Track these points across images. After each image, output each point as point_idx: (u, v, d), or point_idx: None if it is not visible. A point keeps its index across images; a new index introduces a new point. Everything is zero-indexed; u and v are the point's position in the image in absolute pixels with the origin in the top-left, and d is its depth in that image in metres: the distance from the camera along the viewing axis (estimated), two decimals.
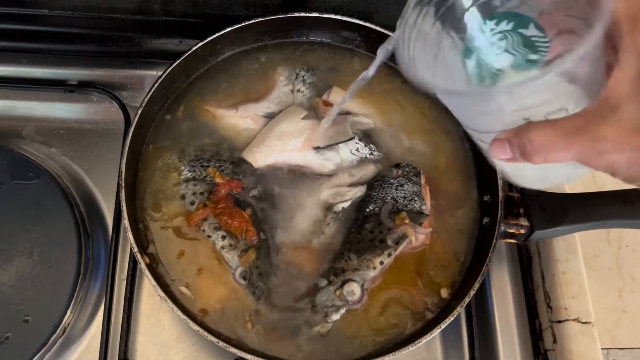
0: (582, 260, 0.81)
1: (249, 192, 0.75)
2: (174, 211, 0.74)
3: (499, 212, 0.71)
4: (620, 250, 0.87)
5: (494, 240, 0.70)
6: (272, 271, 0.72)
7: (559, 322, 0.78)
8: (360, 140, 0.79)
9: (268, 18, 0.79)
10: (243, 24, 0.79)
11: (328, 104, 0.82)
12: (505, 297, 0.84)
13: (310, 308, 0.70)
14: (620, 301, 0.84)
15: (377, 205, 0.74)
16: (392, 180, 0.75)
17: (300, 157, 0.78)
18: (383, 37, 0.81)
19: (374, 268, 0.69)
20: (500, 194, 0.72)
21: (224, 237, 0.71)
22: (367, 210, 0.74)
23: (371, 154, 0.80)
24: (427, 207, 0.74)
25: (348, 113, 0.82)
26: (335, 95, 0.83)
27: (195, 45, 0.77)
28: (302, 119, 0.79)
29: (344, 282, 0.69)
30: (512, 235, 0.73)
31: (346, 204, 0.76)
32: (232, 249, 0.71)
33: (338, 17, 0.80)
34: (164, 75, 0.75)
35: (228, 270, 0.71)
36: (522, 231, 0.72)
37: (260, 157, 0.77)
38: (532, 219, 0.72)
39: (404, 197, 0.74)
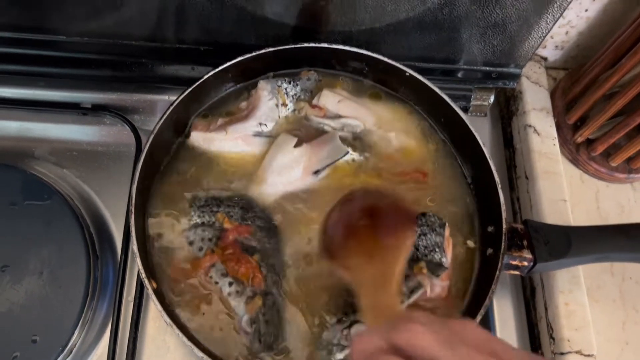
0: (586, 292, 0.81)
1: (257, 237, 0.74)
2: (181, 256, 0.73)
3: (502, 244, 0.71)
4: (624, 282, 0.87)
5: (497, 272, 0.70)
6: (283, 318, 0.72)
7: (562, 354, 0.78)
8: (354, 150, 0.81)
9: (278, 48, 0.81)
10: (254, 54, 0.80)
11: (316, 107, 0.83)
12: (508, 327, 0.84)
13: (316, 343, 0.70)
14: (624, 333, 0.84)
15: None
16: (415, 228, 0.73)
17: (302, 184, 0.80)
18: (390, 68, 0.83)
19: None
20: (504, 226, 0.72)
21: (230, 284, 0.70)
22: None
23: (365, 160, 0.82)
24: (447, 260, 0.73)
25: (338, 116, 0.83)
26: (325, 99, 0.83)
27: (205, 75, 0.79)
28: (295, 147, 0.79)
29: (352, 323, 0.68)
30: (515, 267, 0.73)
31: None
32: (239, 295, 0.70)
33: (347, 48, 0.82)
34: (171, 107, 0.76)
35: (234, 317, 0.71)
36: (525, 263, 0.72)
37: (267, 198, 0.78)
38: (535, 251, 0.72)
39: (425, 247, 0.73)
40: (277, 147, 0.80)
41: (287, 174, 0.79)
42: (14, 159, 0.87)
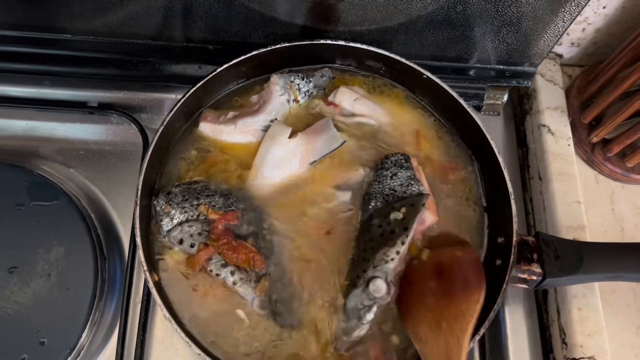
0: (599, 297, 0.80)
1: (245, 220, 0.73)
2: (176, 258, 0.72)
3: (512, 257, 0.69)
4: (638, 287, 0.86)
5: (504, 286, 0.68)
6: (292, 293, 0.71)
7: (574, 359, 0.77)
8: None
9: (294, 44, 0.79)
10: (270, 48, 0.78)
11: (331, 104, 0.81)
12: (520, 330, 0.83)
13: (343, 317, 0.70)
14: (638, 338, 0.83)
15: (378, 200, 0.74)
16: (385, 172, 0.75)
17: (299, 174, 0.78)
18: (407, 69, 0.81)
19: (392, 259, 0.68)
20: (515, 238, 0.70)
21: (233, 273, 0.69)
22: (370, 207, 0.74)
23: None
24: (425, 187, 0.75)
25: (352, 114, 0.81)
26: (342, 96, 0.81)
27: (219, 67, 0.77)
28: (290, 138, 0.77)
29: (368, 281, 0.68)
30: (523, 281, 0.71)
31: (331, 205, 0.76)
32: (245, 282, 0.69)
33: (365, 46, 0.80)
34: (183, 99, 0.75)
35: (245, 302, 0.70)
36: (534, 277, 0.70)
37: (264, 191, 0.77)
38: (545, 265, 0.69)
39: (401, 185, 0.74)
40: (271, 138, 0.77)
41: (284, 167, 0.77)
42: (20, 158, 0.87)
